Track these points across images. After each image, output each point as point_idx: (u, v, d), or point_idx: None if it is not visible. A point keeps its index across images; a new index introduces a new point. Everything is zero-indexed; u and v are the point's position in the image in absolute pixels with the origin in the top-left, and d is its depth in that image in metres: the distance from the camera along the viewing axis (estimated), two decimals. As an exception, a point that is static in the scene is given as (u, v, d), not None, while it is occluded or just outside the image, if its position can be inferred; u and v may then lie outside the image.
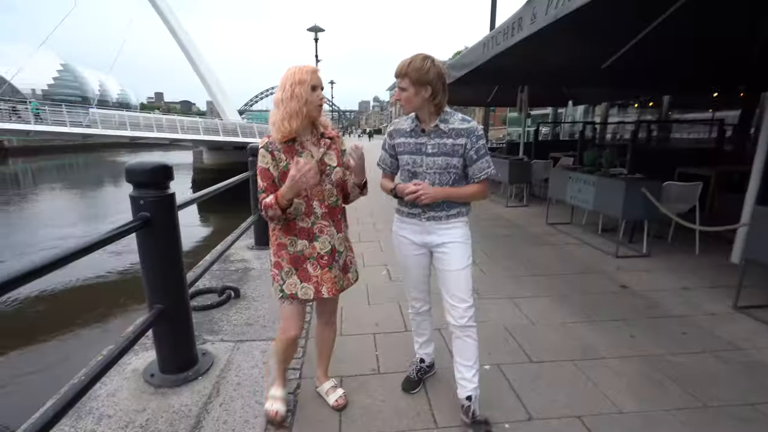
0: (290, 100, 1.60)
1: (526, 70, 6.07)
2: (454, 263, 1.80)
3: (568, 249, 4.55)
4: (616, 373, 2.25)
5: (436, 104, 1.67)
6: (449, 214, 1.79)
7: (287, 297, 1.75)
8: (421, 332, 2.15)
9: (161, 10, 29.42)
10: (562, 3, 2.68)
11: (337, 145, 1.79)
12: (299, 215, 1.71)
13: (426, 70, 1.61)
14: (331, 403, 1.99)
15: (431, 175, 1.75)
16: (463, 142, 1.70)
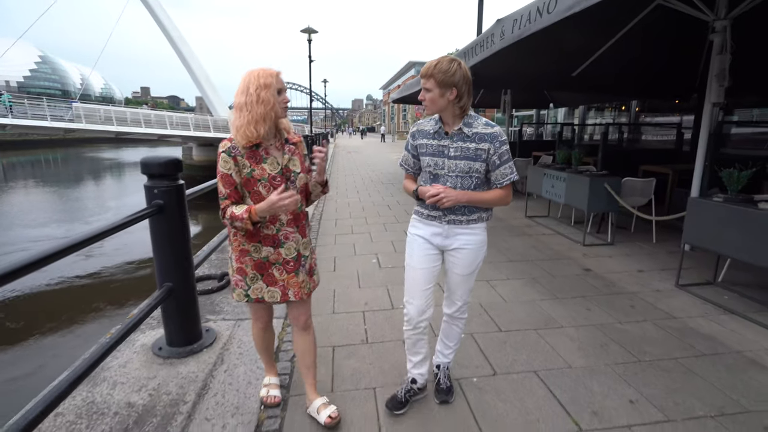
0: (256, 105, 1.56)
1: (507, 76, 6.48)
2: (465, 267, 1.83)
3: (542, 239, 4.94)
4: (571, 339, 2.63)
5: (461, 107, 1.67)
6: (470, 219, 1.78)
7: (252, 301, 1.76)
8: (416, 351, 1.98)
9: (150, 5, 29.12)
10: (524, 24, 3.04)
11: (300, 149, 1.78)
12: (264, 223, 1.69)
13: (452, 72, 1.60)
14: (323, 421, 1.83)
15: (453, 179, 1.72)
16: (486, 147, 1.68)
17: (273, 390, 2.00)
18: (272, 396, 1.97)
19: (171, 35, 29.91)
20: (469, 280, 1.88)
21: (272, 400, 1.96)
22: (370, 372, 2.29)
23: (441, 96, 1.64)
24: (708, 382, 2.18)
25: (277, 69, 1.64)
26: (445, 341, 2.05)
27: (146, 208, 2.24)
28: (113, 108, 27.94)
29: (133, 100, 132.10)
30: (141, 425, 1.82)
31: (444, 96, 1.64)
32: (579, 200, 4.61)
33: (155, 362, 2.34)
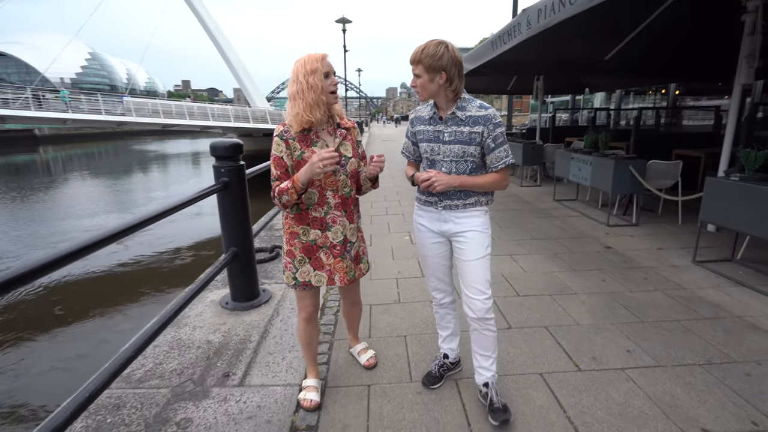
0: (308, 91, 1.60)
1: (539, 61, 6.59)
2: (471, 252, 1.77)
3: (568, 220, 5.15)
4: (582, 303, 2.91)
5: (452, 90, 1.64)
6: (466, 203, 1.75)
7: (300, 284, 1.80)
8: (445, 325, 2.08)
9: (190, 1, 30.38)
10: (548, 14, 3.26)
11: (353, 135, 1.80)
12: (312, 205, 1.72)
13: (439, 56, 1.57)
14: (362, 363, 2.17)
15: (448, 164, 1.71)
16: (479, 130, 1.65)
17: (310, 393, 1.91)
18: (309, 399, 1.88)
19: (209, 28, 31.12)
20: (481, 267, 1.77)
21: (308, 403, 1.87)
22: (402, 324, 2.69)
23: (431, 81, 1.62)
24: (703, 339, 2.43)
25: (323, 52, 1.66)
26: (480, 352, 1.87)
27: (215, 185, 2.71)
28: (160, 101, 29.53)
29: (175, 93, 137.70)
30: (220, 355, 2.31)
31: (434, 81, 1.62)
32: (604, 182, 4.77)
33: (224, 313, 2.84)
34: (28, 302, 6.48)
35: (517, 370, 2.16)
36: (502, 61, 5.69)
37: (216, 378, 2.11)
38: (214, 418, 1.82)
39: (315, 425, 1.81)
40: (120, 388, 2.03)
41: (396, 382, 2.10)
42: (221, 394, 1.99)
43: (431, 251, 1.90)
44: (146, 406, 1.90)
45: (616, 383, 2.05)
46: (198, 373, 2.15)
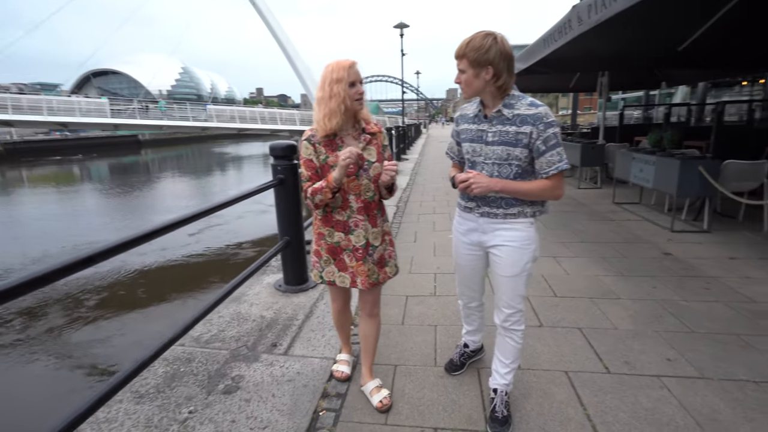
0: (329, 100, 1.64)
1: (602, 57, 6.28)
2: (506, 269, 1.66)
3: (625, 224, 4.89)
4: (625, 308, 2.82)
5: (498, 87, 1.50)
6: (507, 213, 1.61)
7: (326, 283, 1.87)
8: (470, 322, 2.10)
9: (264, 15, 32.66)
10: (599, 9, 3.18)
11: (379, 140, 1.80)
12: (336, 208, 1.76)
13: (486, 49, 1.44)
14: (374, 404, 1.91)
15: (489, 166, 1.59)
16: (528, 130, 1.50)
17: (342, 366, 2.14)
18: (340, 371, 2.11)
19: (280, 38, 33.18)
20: (515, 284, 1.67)
21: (339, 374, 2.10)
22: (434, 315, 2.81)
23: (476, 77, 1.50)
24: (766, 357, 2.23)
25: (351, 60, 1.66)
26: (500, 358, 1.82)
27: (272, 181, 3.04)
28: (236, 108, 32.20)
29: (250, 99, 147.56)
30: (271, 328, 2.63)
31: (479, 76, 1.49)
32: (668, 184, 4.47)
33: (277, 294, 3.17)
34: (119, 284, 7.48)
35: (541, 366, 2.20)
36: (557, 58, 5.53)
37: (266, 346, 2.41)
38: (260, 378, 2.11)
39: (344, 393, 2.02)
40: (192, 347, 2.40)
41: (421, 365, 2.24)
42: (268, 359, 2.28)
43: (465, 262, 1.83)
44: (210, 362, 2.25)
45: (648, 389, 2.00)
46: (251, 341, 2.47)
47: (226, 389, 2.02)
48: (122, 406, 1.89)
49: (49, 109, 23.56)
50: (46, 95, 28.05)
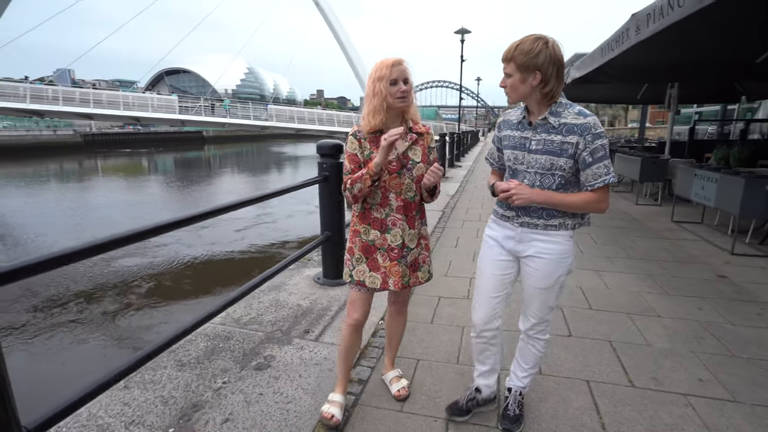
0: (373, 97, 1.66)
1: (667, 68, 5.96)
2: (539, 281, 1.62)
3: (680, 243, 4.62)
4: (664, 327, 2.72)
5: (545, 93, 1.46)
6: (548, 224, 1.56)
7: (355, 283, 1.79)
8: (483, 360, 1.85)
9: (327, 18, 33.88)
10: (657, 18, 3.09)
11: (426, 141, 1.78)
12: (375, 205, 1.74)
13: (536, 53, 1.40)
14: (393, 393, 2.00)
15: (531, 176, 1.54)
16: (574, 140, 1.45)
17: (334, 408, 1.81)
18: (330, 413, 1.78)
19: (342, 41, 34.25)
20: (546, 296, 1.65)
21: (329, 417, 1.77)
22: (464, 317, 2.87)
23: (522, 81, 1.45)
24: (809, 386, 2.09)
25: (396, 58, 1.67)
26: (520, 362, 1.83)
27: (317, 177, 3.26)
28: (295, 109, 33.66)
29: (310, 101, 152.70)
30: (305, 316, 2.82)
31: (526, 81, 1.45)
32: (730, 204, 4.18)
33: (315, 286, 3.38)
34: (167, 275, 8.10)
35: (562, 374, 2.20)
36: (619, 67, 5.34)
37: (298, 332, 2.61)
38: (290, 359, 2.30)
39: (366, 380, 2.15)
40: (231, 326, 2.66)
41: (443, 362, 2.32)
42: (300, 344, 2.47)
43: (494, 269, 1.70)
44: (246, 341, 2.48)
45: (671, 406, 1.95)
46: (286, 326, 2.68)
47: (258, 366, 2.23)
48: (165, 372, 2.16)
49: (125, 104, 25.93)
50: (123, 91, 30.85)
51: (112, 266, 8.17)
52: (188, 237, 9.95)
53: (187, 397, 1.97)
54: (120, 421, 1.79)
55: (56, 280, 7.28)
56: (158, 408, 1.88)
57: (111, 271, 7.97)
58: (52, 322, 6.01)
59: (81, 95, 25.88)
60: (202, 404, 1.92)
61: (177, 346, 2.38)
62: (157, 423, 1.79)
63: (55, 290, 6.98)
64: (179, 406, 1.90)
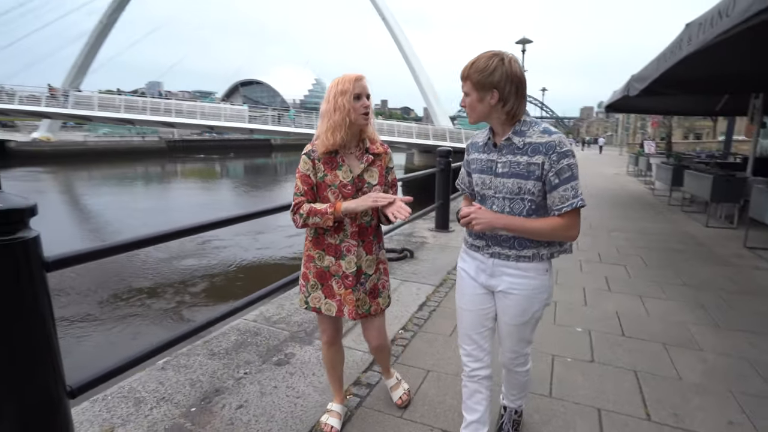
0: (333, 113, 1.57)
1: (752, 76, 5.43)
2: (513, 317, 1.52)
3: (749, 272, 4.16)
4: (702, 361, 2.51)
5: (506, 112, 1.38)
6: (520, 255, 1.45)
7: (310, 309, 1.75)
8: (472, 406, 1.65)
9: (392, 29, 34.69)
10: (707, 29, 2.90)
11: (383, 162, 1.71)
12: (329, 231, 1.66)
13: (491, 71, 1.32)
14: (395, 400, 2.03)
15: (500, 201, 1.44)
16: (540, 160, 1.35)
17: (332, 418, 1.86)
18: (329, 425, 1.84)
19: (406, 53, 34.79)
20: (521, 332, 1.55)
21: (328, 429, 1.83)
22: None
23: (480, 101, 1.37)
24: None
25: (359, 74, 1.61)
26: (508, 388, 1.81)
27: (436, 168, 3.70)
28: (358, 119, 34.83)
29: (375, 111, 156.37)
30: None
31: (484, 100, 1.37)
32: (811, 231, 3.69)
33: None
34: (221, 276, 8.71)
35: (573, 399, 2.14)
36: (685, 78, 4.98)
37: (320, 334, 2.79)
38: (308, 358, 2.48)
39: (374, 384, 2.26)
40: (262, 324, 2.91)
41: (452, 374, 2.36)
42: (319, 345, 2.60)
43: (472, 305, 1.59)
44: (272, 338, 2.71)
45: (689, 446, 1.83)
46: (311, 327, 2.87)
47: (278, 362, 2.44)
48: (198, 359, 2.43)
49: (201, 114, 28.90)
50: (202, 102, 34.22)
51: (173, 265, 9.03)
52: (247, 241, 10.71)
53: (212, 382, 2.21)
54: (153, 397, 2.07)
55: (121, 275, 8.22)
56: (186, 389, 2.14)
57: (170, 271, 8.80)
58: (114, 314, 6.80)
59: (165, 106, 29.51)
60: (223, 390, 2.15)
61: (211, 337, 2.67)
62: (183, 402, 2.04)
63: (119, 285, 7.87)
64: (204, 389, 2.15)
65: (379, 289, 1.78)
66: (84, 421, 1.86)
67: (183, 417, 1.94)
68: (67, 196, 20.10)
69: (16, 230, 1.22)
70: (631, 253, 4.82)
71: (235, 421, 1.93)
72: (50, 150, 33.85)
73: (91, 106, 28.12)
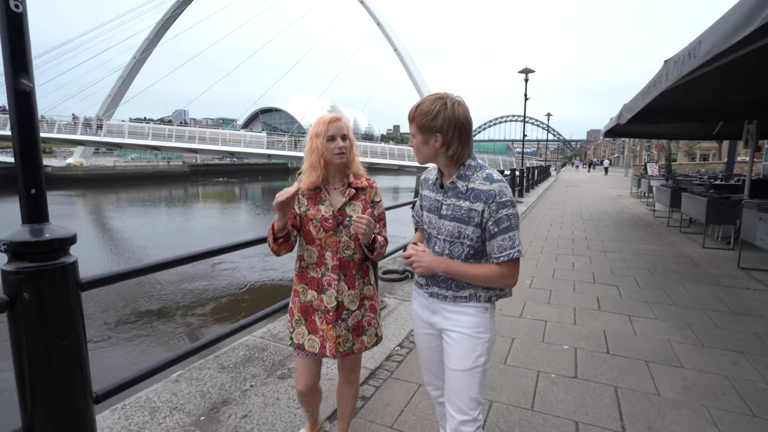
0: (311, 153, 1.64)
1: (743, 103, 5.63)
2: (455, 360, 1.46)
3: (740, 292, 4.25)
4: (683, 378, 2.63)
5: (450, 156, 1.39)
6: (457, 295, 1.44)
7: (294, 346, 1.72)
8: (444, 425, 1.69)
9: (404, 61, 35.89)
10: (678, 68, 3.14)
11: (368, 196, 1.72)
12: (311, 264, 1.67)
13: (434, 115, 1.34)
14: None
15: (441, 243, 1.46)
16: (480, 207, 1.36)
17: None
18: None
19: (417, 81, 35.84)
20: (466, 382, 1.44)
21: None
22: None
23: (424, 143, 1.40)
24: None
25: (334, 115, 1.67)
26: None
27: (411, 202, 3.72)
28: (369, 144, 35.73)
29: (387, 136, 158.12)
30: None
31: (428, 143, 1.39)
32: (796, 253, 3.81)
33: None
34: (231, 296, 8.92)
35: (553, 412, 2.28)
36: (671, 108, 5.22)
37: (320, 351, 2.98)
38: (307, 374, 2.66)
39: (369, 397, 2.43)
40: (269, 340, 3.11)
41: (441, 390, 2.52)
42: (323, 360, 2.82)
43: (423, 342, 1.61)
44: (277, 354, 2.90)
45: (660, 455, 1.96)
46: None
47: (282, 375, 2.62)
48: (209, 372, 2.63)
49: (223, 141, 30.75)
50: (224, 129, 35.95)
51: (186, 286, 9.29)
52: (256, 262, 10.97)
53: (220, 394, 2.40)
54: (167, 406, 2.27)
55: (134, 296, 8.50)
56: (197, 400, 2.34)
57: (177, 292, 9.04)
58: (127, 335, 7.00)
59: (189, 133, 31.51)
60: (230, 401, 2.34)
61: (221, 352, 2.87)
62: (194, 411, 2.23)
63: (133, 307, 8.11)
64: (213, 400, 2.34)
65: (364, 326, 1.74)
66: (105, 428, 2.06)
67: (193, 425, 2.12)
68: (95, 217, 21.28)
69: (59, 256, 1.45)
70: (625, 274, 4.94)
71: (239, 429, 2.11)
72: (83, 174, 35.86)
73: (122, 134, 30.50)
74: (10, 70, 1.34)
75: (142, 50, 42.43)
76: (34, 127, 1.41)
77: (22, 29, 1.35)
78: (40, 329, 1.41)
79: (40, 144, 1.48)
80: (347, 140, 1.66)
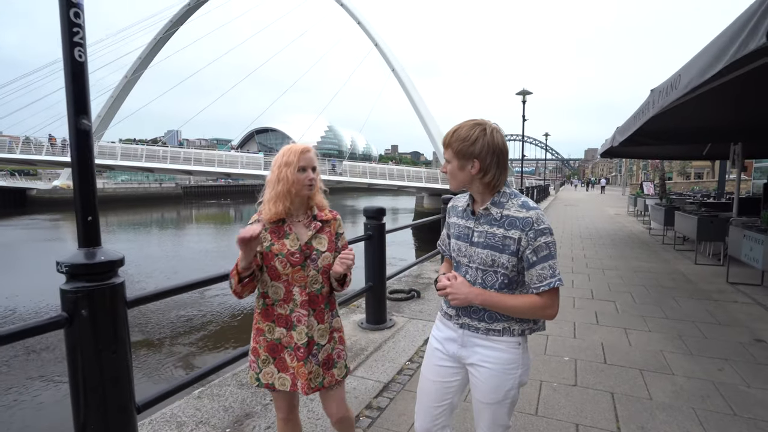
0: (277, 183, 1.57)
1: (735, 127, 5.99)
2: (485, 394, 1.42)
3: (728, 306, 4.50)
4: (672, 383, 2.86)
5: (486, 183, 1.37)
6: (490, 328, 1.40)
7: (263, 386, 1.65)
8: None
9: (402, 81, 36.68)
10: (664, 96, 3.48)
11: (332, 228, 1.69)
12: (278, 301, 1.61)
13: (472, 141, 1.32)
14: None
15: (473, 271, 1.41)
16: (516, 235, 1.32)
17: None
18: None
19: (414, 100, 36.54)
20: (495, 413, 1.43)
21: None
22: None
23: (461, 169, 1.37)
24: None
25: (305, 145, 1.63)
26: None
27: (362, 236, 3.95)
28: (368, 165, 36.03)
29: (385, 156, 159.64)
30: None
31: (464, 169, 1.36)
32: (778, 267, 4.08)
33: (358, 329, 3.96)
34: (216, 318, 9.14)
35: (554, 416, 2.51)
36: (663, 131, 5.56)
37: (337, 365, 3.19)
38: (327, 385, 2.88)
39: (384, 408, 2.65)
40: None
41: (451, 398, 2.74)
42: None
43: (436, 375, 1.52)
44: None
45: (651, 452, 2.18)
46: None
47: (305, 385, 2.83)
48: (229, 389, 2.83)
49: (219, 162, 30.55)
50: (219, 149, 35.89)
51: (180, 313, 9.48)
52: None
53: (242, 408, 2.60)
54: (192, 420, 2.46)
55: None
56: (220, 414, 2.53)
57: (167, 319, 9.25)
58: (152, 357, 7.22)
59: (184, 155, 31.21)
60: (253, 414, 2.54)
61: (238, 370, 3.06)
62: (219, 424, 2.43)
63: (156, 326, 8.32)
64: (236, 413, 2.54)
65: (334, 359, 1.71)
66: (147, 436, 2.27)
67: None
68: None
69: (110, 277, 1.62)
70: (622, 290, 5.19)
71: (267, 437, 2.32)
72: (69, 197, 35.32)
73: (114, 156, 29.86)
74: (72, 111, 1.52)
75: (133, 70, 42.18)
76: (91, 162, 1.59)
77: (83, 76, 1.54)
78: (95, 343, 1.57)
79: (95, 176, 1.67)
80: (316, 171, 1.65)
